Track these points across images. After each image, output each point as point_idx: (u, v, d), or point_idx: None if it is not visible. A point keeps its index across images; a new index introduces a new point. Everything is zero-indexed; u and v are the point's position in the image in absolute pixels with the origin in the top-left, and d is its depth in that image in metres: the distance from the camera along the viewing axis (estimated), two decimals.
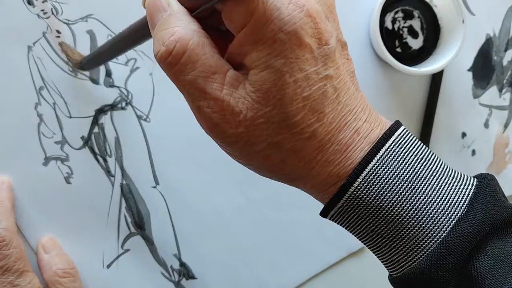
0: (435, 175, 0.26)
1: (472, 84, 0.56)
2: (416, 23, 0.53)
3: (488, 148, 0.58)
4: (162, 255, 0.46)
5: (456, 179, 0.27)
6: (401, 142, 0.27)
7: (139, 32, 0.31)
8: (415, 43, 0.53)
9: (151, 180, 0.46)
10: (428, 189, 0.26)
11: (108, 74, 0.44)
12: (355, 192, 0.26)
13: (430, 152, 0.27)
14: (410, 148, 0.27)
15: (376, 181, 0.26)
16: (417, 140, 0.28)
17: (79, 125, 0.44)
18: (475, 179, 0.28)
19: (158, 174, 0.46)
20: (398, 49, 0.52)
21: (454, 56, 0.50)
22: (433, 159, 0.27)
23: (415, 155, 0.26)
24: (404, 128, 0.28)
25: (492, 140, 0.58)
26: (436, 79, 0.55)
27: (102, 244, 0.45)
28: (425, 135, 0.54)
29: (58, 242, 0.43)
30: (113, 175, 0.45)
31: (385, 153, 0.26)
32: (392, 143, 0.26)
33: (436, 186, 0.26)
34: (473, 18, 0.56)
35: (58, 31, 0.43)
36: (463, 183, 0.27)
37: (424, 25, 0.53)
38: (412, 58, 0.53)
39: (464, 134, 0.56)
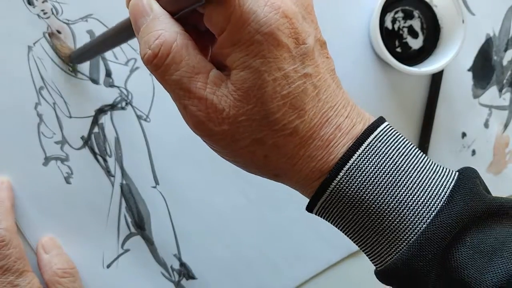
0: (416, 168, 0.27)
1: (472, 84, 0.56)
2: (416, 23, 0.53)
3: (488, 148, 0.58)
4: (162, 255, 0.46)
5: (437, 172, 0.27)
6: (383, 137, 0.27)
7: (125, 32, 0.32)
8: (415, 43, 0.53)
9: (151, 180, 0.46)
10: (408, 182, 0.26)
11: (108, 74, 0.44)
12: (337, 186, 0.27)
13: (413, 146, 0.28)
14: (392, 143, 0.27)
15: (358, 175, 0.26)
16: (400, 135, 0.28)
17: (79, 125, 0.44)
18: (457, 172, 0.28)
19: (158, 174, 0.46)
20: (398, 49, 0.52)
21: (454, 56, 0.50)
22: (415, 153, 0.28)
23: (397, 149, 0.27)
24: (388, 124, 0.28)
25: (492, 140, 0.58)
26: (436, 79, 0.55)
27: (102, 244, 0.45)
28: (425, 135, 0.54)
29: (58, 242, 0.43)
30: (113, 175, 0.45)
31: (367, 147, 0.27)
32: (374, 138, 0.27)
33: (417, 179, 0.27)
34: (473, 18, 0.56)
35: (58, 31, 0.43)
36: (444, 176, 0.27)
37: (424, 25, 0.53)
38: (412, 58, 0.53)
39: (464, 134, 0.56)
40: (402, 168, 0.27)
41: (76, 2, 0.43)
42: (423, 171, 0.27)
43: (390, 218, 0.26)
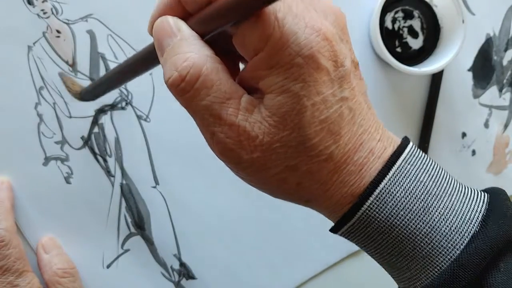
0: (447, 192, 0.26)
1: (472, 84, 0.56)
2: (416, 23, 0.53)
3: (488, 148, 0.58)
4: (162, 255, 0.46)
5: (467, 195, 0.27)
6: (411, 159, 0.27)
7: (146, 59, 0.30)
8: (415, 43, 0.53)
9: (151, 180, 0.46)
10: (440, 207, 0.26)
11: None
12: (367, 211, 0.26)
13: (441, 168, 0.27)
14: (421, 165, 0.27)
15: (389, 199, 0.26)
16: (426, 156, 0.27)
17: (79, 125, 0.44)
18: (486, 194, 0.28)
19: (158, 174, 0.46)
20: (398, 49, 0.52)
21: (454, 56, 0.50)
22: (443, 176, 0.27)
23: (426, 172, 0.26)
24: (413, 145, 0.28)
25: (492, 140, 0.58)
26: (436, 79, 0.55)
27: (102, 244, 0.45)
28: (425, 135, 0.54)
29: (58, 242, 0.43)
30: (113, 175, 0.45)
31: (397, 171, 0.26)
32: (403, 161, 0.26)
33: (449, 203, 0.26)
34: (473, 18, 0.56)
35: (58, 31, 0.43)
36: (475, 200, 0.27)
37: (424, 25, 0.53)
38: (412, 58, 0.53)
39: (464, 134, 0.56)
40: (433, 193, 0.26)
41: (76, 2, 0.43)
42: (454, 195, 0.26)
43: (421, 244, 0.25)
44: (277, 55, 0.24)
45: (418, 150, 0.28)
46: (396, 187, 0.26)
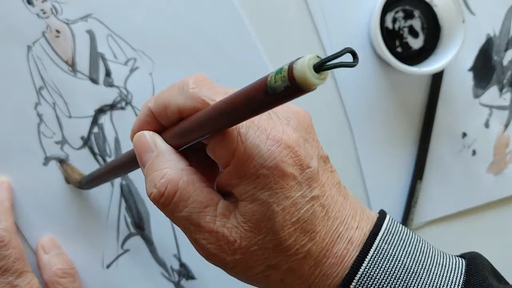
0: (425, 268, 0.27)
1: (473, 84, 0.56)
2: (416, 23, 0.53)
3: (488, 148, 0.57)
4: (162, 256, 0.46)
5: (445, 266, 0.27)
6: (388, 238, 0.27)
7: (131, 163, 0.32)
8: (416, 43, 0.53)
9: None
10: (420, 284, 0.26)
11: (108, 73, 0.44)
12: None
13: (417, 240, 0.28)
14: (398, 242, 0.27)
15: (370, 283, 0.26)
16: (402, 229, 0.28)
17: (79, 125, 0.44)
18: (463, 261, 0.28)
19: None
20: (399, 49, 0.52)
21: (454, 56, 0.50)
22: (421, 249, 0.27)
23: (404, 249, 0.27)
24: (389, 219, 0.28)
25: (492, 140, 0.58)
26: (437, 79, 0.54)
27: (102, 244, 0.45)
28: (425, 135, 0.54)
29: (58, 242, 0.43)
30: None
31: (375, 253, 0.27)
32: (380, 241, 0.27)
33: (428, 280, 0.26)
34: (474, 18, 0.55)
35: (57, 31, 0.43)
36: (453, 270, 0.27)
37: (425, 25, 0.53)
38: (413, 58, 0.53)
39: (464, 134, 0.56)
40: (412, 271, 0.26)
41: (75, 2, 0.43)
42: (432, 269, 0.27)
43: None
44: (243, 167, 0.26)
45: (394, 223, 0.28)
46: (376, 270, 0.26)
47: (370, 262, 0.26)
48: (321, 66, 0.19)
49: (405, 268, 0.26)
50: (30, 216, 0.42)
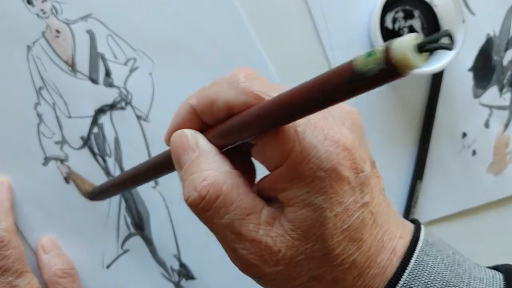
0: (464, 281, 0.26)
1: (473, 84, 0.56)
2: (416, 23, 0.53)
3: (488, 148, 0.57)
4: (161, 256, 0.46)
5: (483, 280, 0.26)
6: (427, 249, 0.26)
7: (161, 167, 0.30)
8: None
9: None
10: None
11: (108, 73, 0.44)
12: None
13: (453, 251, 0.27)
14: (436, 254, 0.26)
15: None
16: (439, 239, 0.27)
17: (79, 125, 0.44)
18: (500, 274, 0.27)
19: None
20: None
21: (454, 56, 0.50)
22: (458, 262, 0.26)
23: (443, 261, 0.26)
24: (424, 228, 0.27)
25: (492, 140, 0.58)
26: (436, 79, 0.54)
27: (102, 245, 0.45)
28: (425, 135, 0.54)
29: (58, 243, 0.43)
30: (113, 175, 0.45)
31: (415, 265, 0.25)
32: (419, 252, 0.26)
33: None
34: (474, 18, 0.55)
35: (57, 31, 0.43)
36: (491, 285, 0.26)
37: (425, 25, 0.53)
38: None
39: (464, 134, 0.56)
40: (452, 284, 0.25)
41: (75, 2, 0.43)
42: (470, 282, 0.26)
43: None
44: (298, 169, 0.24)
45: (430, 233, 0.27)
46: (416, 282, 0.25)
47: (410, 274, 0.25)
48: (423, 47, 0.18)
49: (444, 281, 0.25)
50: (30, 216, 0.42)
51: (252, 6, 0.48)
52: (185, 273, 0.47)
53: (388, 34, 0.52)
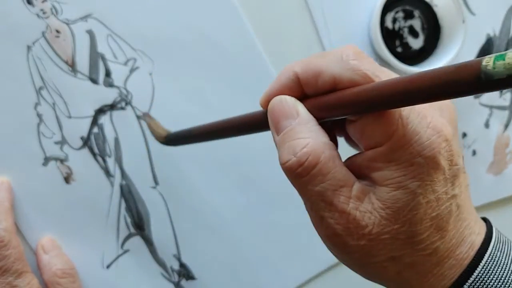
0: None
1: None
2: (416, 23, 0.53)
3: (488, 148, 0.57)
4: (161, 256, 0.46)
5: None
6: (499, 246, 0.27)
7: (250, 127, 0.31)
8: (416, 43, 0.53)
9: (150, 180, 0.46)
10: None
11: (108, 74, 0.44)
12: None
13: None
14: (508, 251, 0.27)
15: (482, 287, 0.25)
16: (507, 239, 0.28)
17: (79, 125, 0.44)
18: None
19: (158, 175, 0.46)
20: (399, 49, 0.52)
21: (454, 56, 0.50)
22: None
23: None
24: (495, 228, 0.28)
25: (492, 140, 0.58)
26: None
27: (102, 245, 0.45)
28: None
29: (58, 243, 0.43)
30: (113, 175, 0.45)
31: (489, 259, 0.26)
32: (492, 249, 0.26)
33: None
34: (474, 18, 0.55)
35: (57, 31, 0.43)
36: None
37: (425, 25, 0.53)
38: (413, 58, 0.53)
39: (464, 134, 0.56)
40: None
41: (75, 2, 0.43)
42: None
43: None
44: (398, 152, 0.24)
45: (500, 233, 0.28)
46: (490, 276, 0.26)
47: (484, 267, 0.26)
48: None
49: None
50: (30, 216, 0.42)
51: (252, 6, 0.48)
52: (185, 273, 0.47)
53: (388, 34, 0.52)
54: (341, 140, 0.30)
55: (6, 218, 0.40)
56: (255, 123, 0.30)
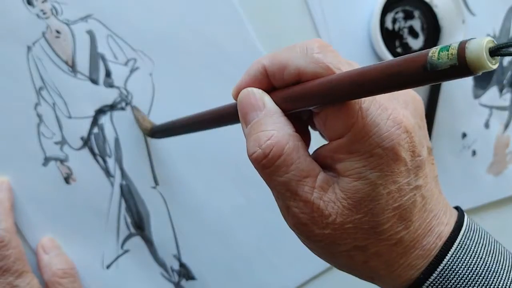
0: (504, 269, 0.26)
1: (473, 85, 0.56)
2: (416, 23, 0.53)
3: (488, 149, 0.57)
4: (162, 256, 0.46)
5: None
6: (469, 234, 0.27)
7: (227, 118, 0.31)
8: (416, 44, 0.53)
9: (150, 180, 0.46)
10: (500, 284, 0.26)
11: (108, 74, 0.44)
12: (430, 287, 0.26)
13: (494, 240, 0.28)
14: (479, 240, 0.27)
15: (451, 276, 0.26)
16: (480, 228, 0.28)
17: (79, 126, 0.44)
18: None
19: (158, 175, 0.46)
20: (399, 50, 0.52)
21: None
22: (499, 250, 0.27)
23: (485, 247, 0.27)
24: (467, 216, 0.28)
25: (492, 140, 0.58)
26: None
27: (102, 245, 0.45)
28: None
29: (58, 243, 0.43)
30: (113, 176, 0.45)
31: (458, 247, 0.26)
32: (462, 236, 0.27)
33: (508, 281, 0.26)
34: (474, 18, 0.55)
35: (57, 31, 0.43)
36: None
37: (425, 25, 0.53)
38: None
39: (464, 135, 0.56)
40: (493, 270, 0.26)
41: (75, 2, 0.43)
42: (510, 271, 0.27)
43: None
44: (358, 143, 0.25)
45: (472, 222, 0.28)
46: (458, 264, 0.26)
47: (453, 256, 0.26)
48: (496, 51, 0.19)
49: (486, 266, 0.26)
50: (30, 216, 0.42)
51: (252, 6, 0.48)
52: (185, 273, 0.47)
53: (388, 34, 0.52)
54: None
55: (6, 218, 0.40)
56: (229, 115, 0.31)
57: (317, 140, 0.31)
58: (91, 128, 0.44)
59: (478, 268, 0.26)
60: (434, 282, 0.26)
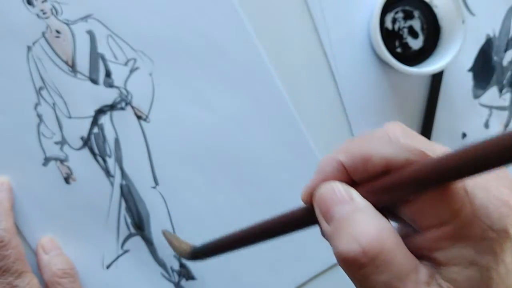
0: None
1: (472, 85, 0.56)
2: (416, 23, 0.53)
3: None
4: (162, 256, 0.46)
5: None
6: None
7: (288, 226, 0.29)
8: (415, 44, 0.53)
9: (150, 180, 0.46)
10: None
11: (108, 74, 0.44)
12: None
13: None
14: None
15: None
16: None
17: (79, 126, 0.44)
18: None
19: (158, 175, 0.46)
20: (398, 50, 0.52)
21: (454, 56, 0.50)
22: None
23: None
24: None
25: None
26: (436, 79, 0.54)
27: (102, 245, 0.45)
28: (425, 135, 0.54)
29: (58, 243, 0.43)
30: (113, 176, 0.45)
31: None
32: None
33: None
34: (473, 18, 0.55)
35: (57, 31, 0.43)
36: None
37: (424, 25, 0.53)
38: (412, 58, 0.53)
39: (464, 135, 0.56)
40: None
41: (76, 2, 0.43)
42: None
43: None
44: (466, 229, 0.23)
45: None
46: None
47: None
48: None
49: None
50: (30, 216, 0.42)
51: (252, 6, 0.48)
52: (185, 273, 0.47)
53: (388, 34, 0.52)
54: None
55: (6, 218, 0.40)
56: (294, 222, 0.28)
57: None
58: (91, 128, 0.44)
59: None
60: None
